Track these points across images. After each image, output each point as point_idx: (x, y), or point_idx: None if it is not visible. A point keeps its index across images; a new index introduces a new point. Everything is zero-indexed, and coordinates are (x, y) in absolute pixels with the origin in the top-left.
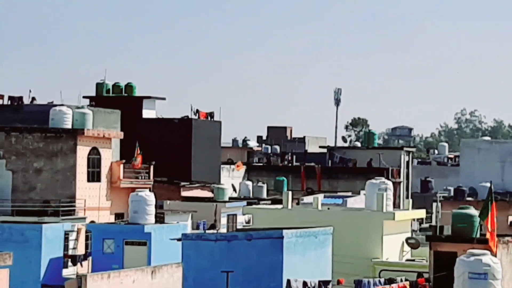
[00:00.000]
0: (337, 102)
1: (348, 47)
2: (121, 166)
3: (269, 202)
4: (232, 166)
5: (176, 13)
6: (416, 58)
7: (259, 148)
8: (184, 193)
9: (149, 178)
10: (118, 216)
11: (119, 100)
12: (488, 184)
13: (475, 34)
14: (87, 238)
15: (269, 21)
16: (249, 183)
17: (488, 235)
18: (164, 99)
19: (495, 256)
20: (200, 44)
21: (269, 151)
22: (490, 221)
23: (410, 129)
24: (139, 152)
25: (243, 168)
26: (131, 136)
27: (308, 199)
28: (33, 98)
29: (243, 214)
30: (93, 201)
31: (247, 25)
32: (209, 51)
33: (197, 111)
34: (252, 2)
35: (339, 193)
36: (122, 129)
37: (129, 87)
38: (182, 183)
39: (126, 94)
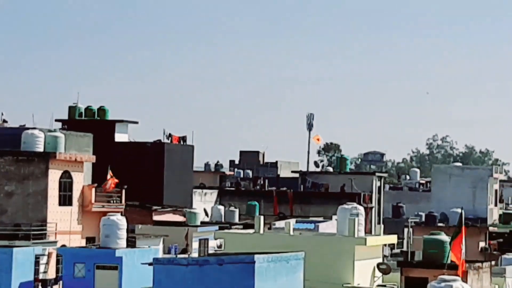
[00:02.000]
0: (310, 127)
1: (321, 73)
2: (93, 190)
3: (241, 226)
4: (204, 191)
5: (149, 37)
6: (387, 83)
7: (232, 173)
8: (156, 217)
9: (121, 202)
10: (90, 240)
11: (92, 123)
12: (459, 210)
13: (447, 61)
14: (58, 262)
15: (242, 46)
16: (221, 207)
17: (453, 258)
18: (136, 122)
19: (466, 282)
20: (173, 68)
21: (242, 176)
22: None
23: (382, 155)
24: (111, 175)
25: (321, 140)
26: (103, 159)
27: (280, 224)
28: (5, 121)
29: (215, 239)
30: (65, 225)
31: (220, 50)
32: (182, 76)
33: (170, 135)
34: (225, 28)
35: (311, 218)
36: (94, 153)
37: (101, 110)
38: (154, 207)
39: (98, 118)
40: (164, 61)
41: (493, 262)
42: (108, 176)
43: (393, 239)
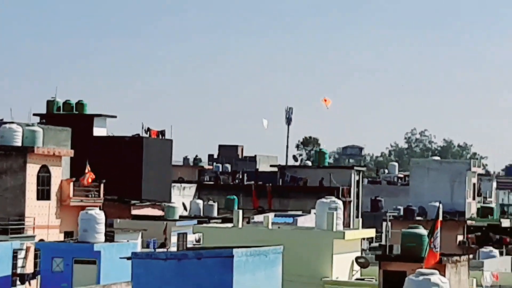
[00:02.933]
0: (288, 121)
1: (299, 66)
2: (71, 184)
3: (220, 220)
4: (183, 185)
5: (127, 31)
6: (366, 77)
7: (210, 167)
8: (135, 212)
9: (99, 196)
10: (68, 234)
11: (70, 118)
12: (437, 204)
13: (425, 55)
14: (36, 256)
15: (220, 39)
16: (200, 201)
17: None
18: (115, 117)
19: (444, 275)
20: (151, 62)
21: (220, 170)
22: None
23: (361, 149)
24: (89, 169)
25: (330, 103)
26: (81, 154)
27: (258, 218)
28: None
29: (194, 233)
30: (43, 219)
31: (198, 43)
32: (160, 69)
33: (148, 129)
34: (204, 21)
35: (289, 212)
36: (73, 147)
37: (80, 105)
38: (133, 202)
39: (77, 112)
40: (143, 55)
41: (471, 256)
42: (86, 171)
43: (371, 233)
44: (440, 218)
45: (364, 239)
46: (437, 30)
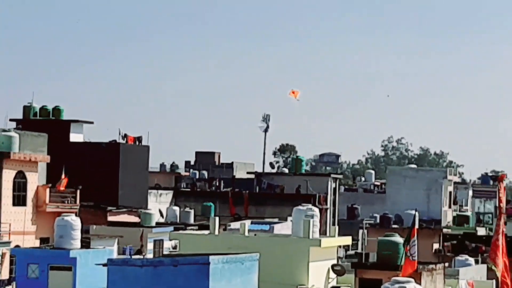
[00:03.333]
0: (266, 128)
1: (276, 73)
2: (47, 190)
3: (196, 227)
4: (160, 191)
5: (103, 37)
6: (343, 85)
7: (187, 174)
8: (111, 218)
9: (75, 202)
10: (44, 240)
11: (47, 123)
12: (413, 212)
13: (402, 63)
14: (11, 262)
15: (197, 46)
16: (176, 208)
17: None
18: (92, 123)
19: (420, 283)
20: (128, 68)
21: (197, 176)
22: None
23: (338, 156)
24: (65, 175)
25: (298, 93)
26: (58, 160)
27: (235, 225)
28: None
29: (170, 240)
30: (18, 225)
31: (175, 49)
32: (137, 76)
33: (125, 135)
34: (181, 27)
35: (266, 219)
36: (49, 153)
37: (56, 110)
38: (109, 208)
39: (53, 118)
40: (119, 61)
41: (446, 264)
42: (62, 176)
43: (347, 240)
44: (417, 226)
45: (340, 246)
46: (414, 38)
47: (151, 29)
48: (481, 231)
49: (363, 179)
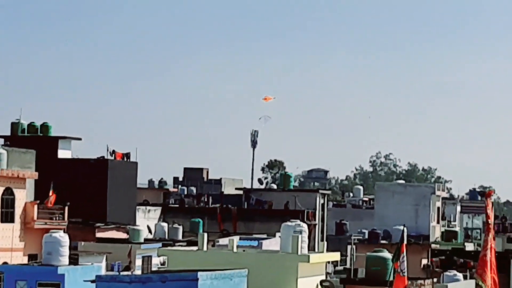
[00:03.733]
0: (254, 144)
1: (264, 90)
2: (35, 206)
3: (185, 243)
4: (148, 207)
5: (90, 53)
6: (331, 101)
7: (176, 190)
8: (99, 234)
9: (63, 219)
10: (32, 257)
11: (34, 140)
12: (401, 227)
13: (389, 79)
14: None
15: (185, 62)
16: (165, 224)
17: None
18: (80, 139)
19: None
20: (116, 84)
21: (185, 193)
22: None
23: (326, 172)
24: (53, 192)
25: (271, 99)
26: (46, 176)
27: (223, 241)
28: None
29: (158, 256)
30: (6, 242)
31: (163, 66)
32: (125, 92)
33: (113, 151)
34: (168, 43)
35: (254, 235)
36: (37, 170)
37: (44, 127)
38: (97, 224)
39: (41, 134)
40: (107, 77)
41: (435, 279)
42: (50, 193)
43: (336, 256)
44: (405, 241)
45: (329, 262)
46: (399, 54)
47: (139, 45)
48: (470, 247)
49: (351, 194)
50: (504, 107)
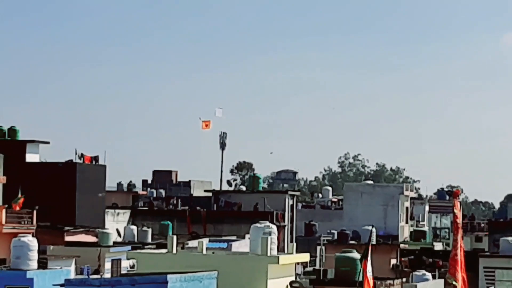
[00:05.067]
0: (223, 146)
1: (232, 91)
2: (3, 211)
3: (154, 246)
4: (117, 211)
5: (56, 56)
6: (299, 101)
7: (144, 192)
8: (68, 238)
9: (32, 223)
10: (0, 261)
11: (2, 144)
12: (370, 228)
13: (357, 80)
14: None
15: (151, 64)
16: (134, 227)
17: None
18: (48, 143)
19: None
20: (83, 88)
21: (154, 195)
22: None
23: (295, 173)
24: (20, 195)
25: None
26: (14, 180)
27: (193, 243)
28: None
29: (128, 259)
30: None
31: (129, 68)
32: (92, 95)
33: (82, 155)
34: (135, 47)
35: (224, 237)
36: (5, 174)
37: (12, 130)
38: (66, 228)
39: (9, 138)
40: (75, 80)
41: (404, 279)
42: (19, 195)
43: (305, 257)
44: (374, 241)
45: (298, 263)
46: (364, 53)
47: (105, 48)
48: (438, 246)
49: (320, 195)
50: (471, 106)
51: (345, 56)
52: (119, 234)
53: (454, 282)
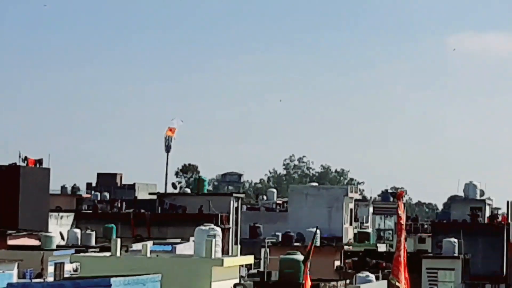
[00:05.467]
0: (168, 148)
1: (177, 92)
2: None
3: (98, 249)
4: (61, 214)
5: (4, 58)
6: (243, 103)
7: (89, 195)
8: (10, 242)
9: None
10: None
11: None
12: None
13: (304, 81)
14: None
15: (98, 66)
16: (78, 230)
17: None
18: None
19: None
20: (28, 90)
21: (99, 198)
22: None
23: (240, 175)
24: None
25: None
26: None
27: (137, 246)
28: None
29: (71, 262)
30: None
31: (74, 70)
32: (37, 97)
33: (25, 158)
34: (85, 51)
35: (168, 240)
36: None
37: None
38: (8, 232)
39: None
40: (18, 82)
41: (348, 281)
42: None
43: (250, 259)
44: (318, 243)
45: (242, 266)
46: (313, 55)
47: (48, 49)
48: (382, 248)
49: (265, 198)
50: (415, 108)
51: (288, 57)
52: (62, 238)
53: (397, 283)
